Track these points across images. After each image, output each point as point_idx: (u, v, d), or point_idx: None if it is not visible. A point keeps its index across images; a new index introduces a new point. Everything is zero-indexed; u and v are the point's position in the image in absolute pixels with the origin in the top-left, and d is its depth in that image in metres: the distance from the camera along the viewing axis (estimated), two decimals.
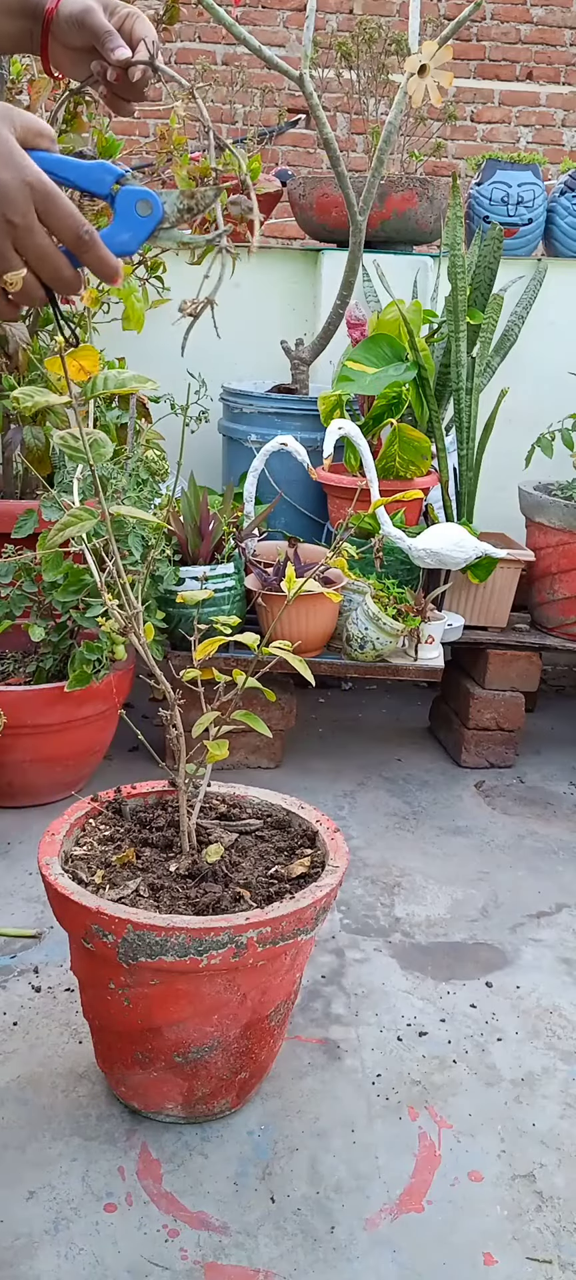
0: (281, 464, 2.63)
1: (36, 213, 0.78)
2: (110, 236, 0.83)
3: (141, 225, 0.84)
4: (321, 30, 4.82)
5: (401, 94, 2.43)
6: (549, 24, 5.02)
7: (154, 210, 0.84)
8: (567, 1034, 1.65)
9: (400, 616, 2.39)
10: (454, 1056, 1.59)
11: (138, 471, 2.25)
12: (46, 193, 0.78)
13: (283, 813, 1.60)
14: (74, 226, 0.79)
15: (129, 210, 0.84)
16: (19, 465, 2.67)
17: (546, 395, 3.03)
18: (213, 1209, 1.29)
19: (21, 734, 2.13)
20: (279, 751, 2.53)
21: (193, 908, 1.35)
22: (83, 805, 1.55)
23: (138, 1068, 1.37)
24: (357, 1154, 1.39)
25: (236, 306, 3.06)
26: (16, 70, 2.57)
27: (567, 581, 2.64)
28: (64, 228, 0.79)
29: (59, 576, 2.11)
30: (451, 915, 1.98)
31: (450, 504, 2.71)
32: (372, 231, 2.92)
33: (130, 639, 1.37)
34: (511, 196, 3.08)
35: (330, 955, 1.82)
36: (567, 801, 2.49)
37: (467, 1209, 1.31)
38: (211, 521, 2.43)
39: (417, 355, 2.55)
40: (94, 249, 0.81)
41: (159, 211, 0.84)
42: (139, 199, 0.84)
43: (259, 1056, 1.41)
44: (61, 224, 0.79)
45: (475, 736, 2.62)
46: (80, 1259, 1.21)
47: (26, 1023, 1.60)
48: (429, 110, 3.31)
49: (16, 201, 0.76)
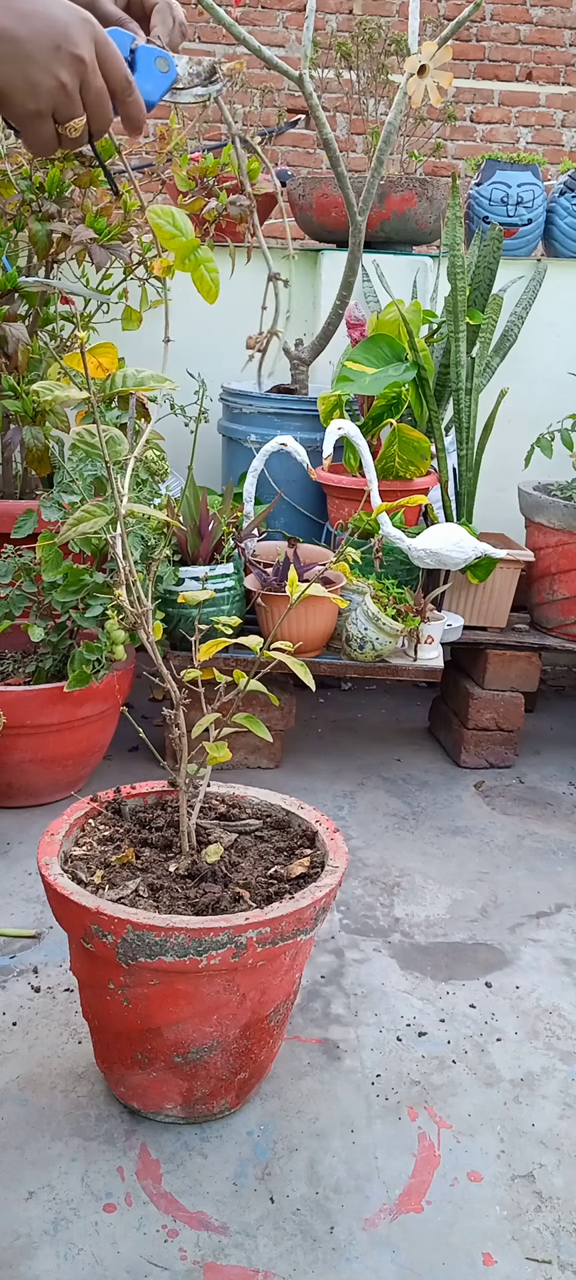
0: (281, 464, 2.63)
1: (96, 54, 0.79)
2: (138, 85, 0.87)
3: (160, 79, 0.90)
4: (321, 30, 4.82)
5: (401, 94, 2.43)
6: (548, 24, 5.02)
7: (170, 69, 0.90)
8: (567, 1034, 1.66)
9: (399, 617, 2.39)
10: (453, 1057, 1.59)
11: (137, 472, 2.25)
12: (102, 34, 0.79)
13: (282, 813, 1.60)
14: (123, 70, 0.81)
15: (149, 65, 0.89)
16: (18, 465, 2.67)
17: (546, 395, 3.03)
18: (212, 1209, 1.29)
19: (21, 734, 2.13)
20: (278, 752, 2.53)
21: (192, 908, 1.35)
22: (82, 805, 1.55)
23: (137, 1068, 1.37)
24: (357, 1154, 1.39)
25: (236, 307, 3.06)
26: None
27: (567, 582, 2.65)
28: (117, 68, 0.81)
29: (58, 576, 2.11)
30: (451, 915, 1.98)
31: (449, 504, 2.71)
32: (372, 232, 2.92)
33: (140, 637, 1.38)
34: (511, 197, 3.08)
35: (329, 955, 1.82)
36: (567, 802, 2.49)
37: (467, 1209, 1.31)
38: (211, 522, 2.43)
39: (417, 355, 2.55)
40: (135, 94, 0.83)
41: (174, 71, 0.90)
42: (157, 57, 0.89)
43: (258, 1057, 1.41)
44: (114, 65, 0.80)
45: (474, 737, 2.62)
46: (79, 1259, 1.21)
47: (26, 1023, 1.60)
48: (428, 111, 3.31)
49: (82, 38, 0.77)
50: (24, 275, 2.56)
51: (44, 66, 0.76)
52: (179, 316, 2.74)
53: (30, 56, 0.75)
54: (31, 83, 0.76)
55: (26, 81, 0.76)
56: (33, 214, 2.42)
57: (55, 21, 0.76)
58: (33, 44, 0.75)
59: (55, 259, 2.57)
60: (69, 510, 2.14)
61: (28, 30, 0.75)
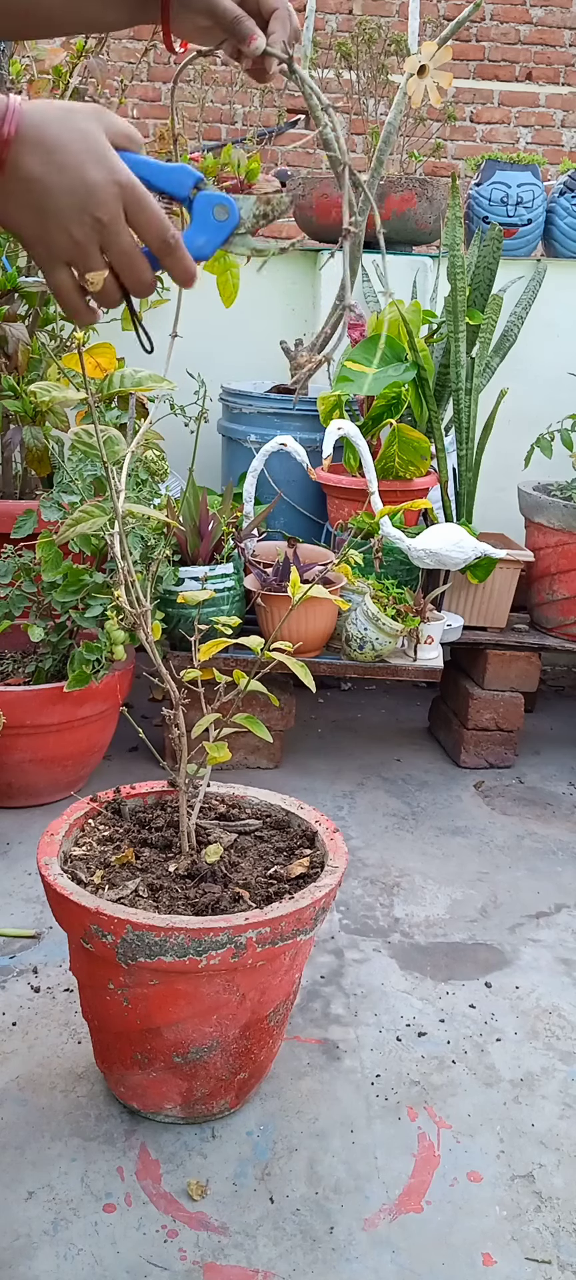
0: (281, 464, 2.63)
1: (124, 213, 0.77)
2: (188, 240, 0.83)
3: (217, 230, 0.85)
4: (321, 30, 4.82)
5: (401, 94, 2.43)
6: (548, 24, 5.02)
7: (231, 215, 0.85)
8: (566, 1034, 1.66)
9: (399, 617, 2.39)
10: (453, 1057, 1.59)
11: (137, 472, 2.25)
12: (135, 194, 0.77)
13: (282, 813, 1.60)
14: (160, 230, 0.79)
15: (206, 215, 0.84)
16: (18, 465, 2.67)
17: (545, 396, 3.03)
18: (212, 1209, 1.29)
19: (21, 734, 2.13)
20: (278, 752, 2.53)
21: (192, 908, 1.35)
22: (82, 805, 1.55)
23: (137, 1068, 1.37)
24: (356, 1154, 1.39)
25: (236, 306, 3.06)
26: (16, 70, 2.57)
27: (567, 582, 2.65)
28: (150, 230, 0.79)
29: (58, 577, 2.11)
30: (450, 915, 1.98)
31: (449, 504, 2.71)
32: (372, 232, 2.92)
33: (139, 636, 1.38)
34: (510, 197, 3.08)
35: (329, 955, 1.82)
36: (567, 802, 2.49)
37: (466, 1209, 1.31)
38: (211, 522, 2.43)
39: (417, 356, 2.55)
40: (177, 253, 0.81)
41: (235, 217, 0.85)
42: (216, 204, 0.84)
43: (258, 1057, 1.41)
44: (148, 226, 0.79)
45: (474, 737, 2.62)
46: (79, 1259, 1.21)
47: (25, 1023, 1.60)
48: (428, 111, 3.31)
49: (107, 201, 0.76)
50: (24, 275, 2.56)
51: (60, 222, 0.76)
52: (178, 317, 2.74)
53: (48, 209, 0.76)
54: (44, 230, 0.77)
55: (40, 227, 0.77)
56: None
57: (85, 181, 0.75)
58: (57, 200, 0.75)
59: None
60: (69, 510, 2.14)
61: (53, 180, 0.75)
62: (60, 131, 0.75)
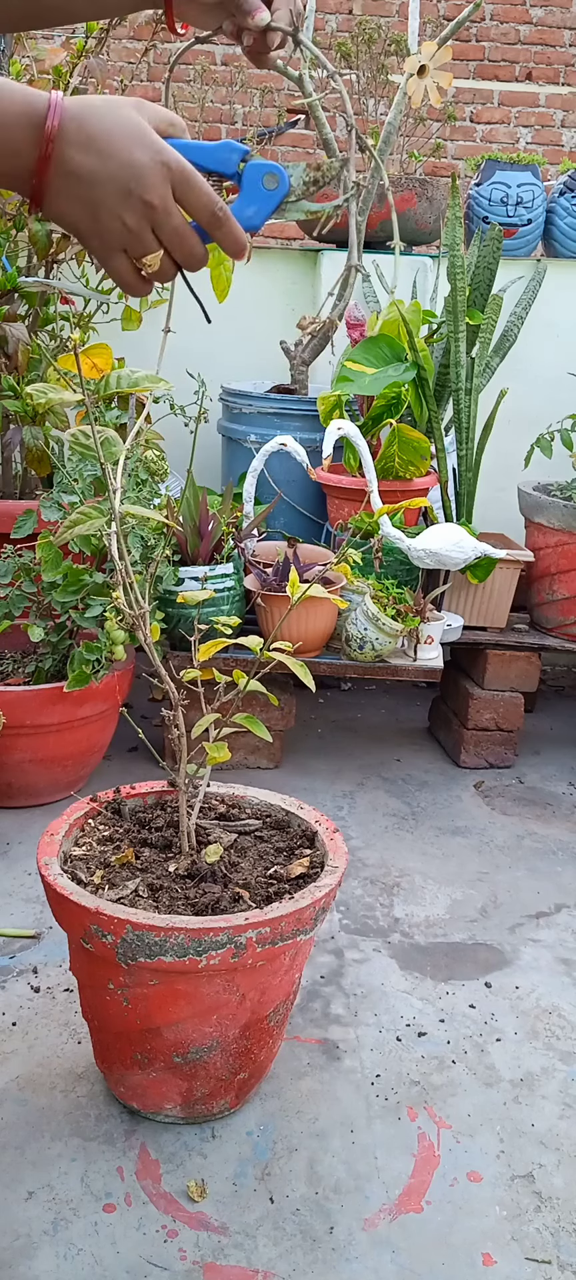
0: (281, 464, 2.63)
1: (173, 193, 0.78)
2: (237, 211, 0.83)
3: (267, 199, 0.85)
4: (321, 30, 4.82)
5: (401, 94, 2.43)
6: (548, 24, 5.02)
7: (280, 184, 0.85)
8: (566, 1034, 1.66)
9: (399, 617, 2.39)
10: (453, 1057, 1.59)
11: (137, 472, 2.25)
12: (183, 173, 0.78)
13: (282, 813, 1.60)
14: (209, 205, 0.80)
15: (255, 185, 0.84)
16: (18, 465, 2.67)
17: (545, 396, 3.03)
18: (211, 1209, 1.29)
19: (21, 734, 2.13)
20: (278, 752, 2.53)
21: (192, 908, 1.35)
22: (82, 805, 1.55)
23: (136, 1068, 1.37)
24: (356, 1154, 1.39)
25: (236, 306, 3.06)
26: (16, 70, 2.57)
27: (566, 582, 2.65)
28: (200, 206, 0.80)
29: (58, 577, 2.11)
30: (450, 915, 1.98)
31: (449, 504, 2.71)
32: (372, 232, 2.92)
33: (138, 638, 1.38)
34: (510, 197, 3.08)
35: (329, 955, 1.82)
36: (566, 802, 2.49)
37: (466, 1209, 1.31)
38: (211, 522, 2.43)
39: (417, 356, 2.55)
40: (227, 225, 0.81)
41: (285, 185, 0.85)
42: (266, 173, 0.84)
43: (258, 1057, 1.41)
44: (198, 203, 0.80)
45: (474, 737, 2.62)
46: (79, 1259, 1.21)
47: (25, 1023, 1.60)
48: (428, 111, 3.32)
49: (155, 183, 0.77)
50: (24, 275, 2.56)
51: (111, 210, 0.77)
52: (178, 316, 2.73)
53: (98, 199, 0.77)
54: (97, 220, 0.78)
55: (93, 219, 0.78)
56: (33, 214, 2.42)
57: (131, 165, 0.76)
58: (102, 187, 0.76)
59: (55, 259, 2.57)
60: (69, 510, 2.15)
61: (100, 172, 0.76)
62: (102, 120, 0.76)
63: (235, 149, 0.84)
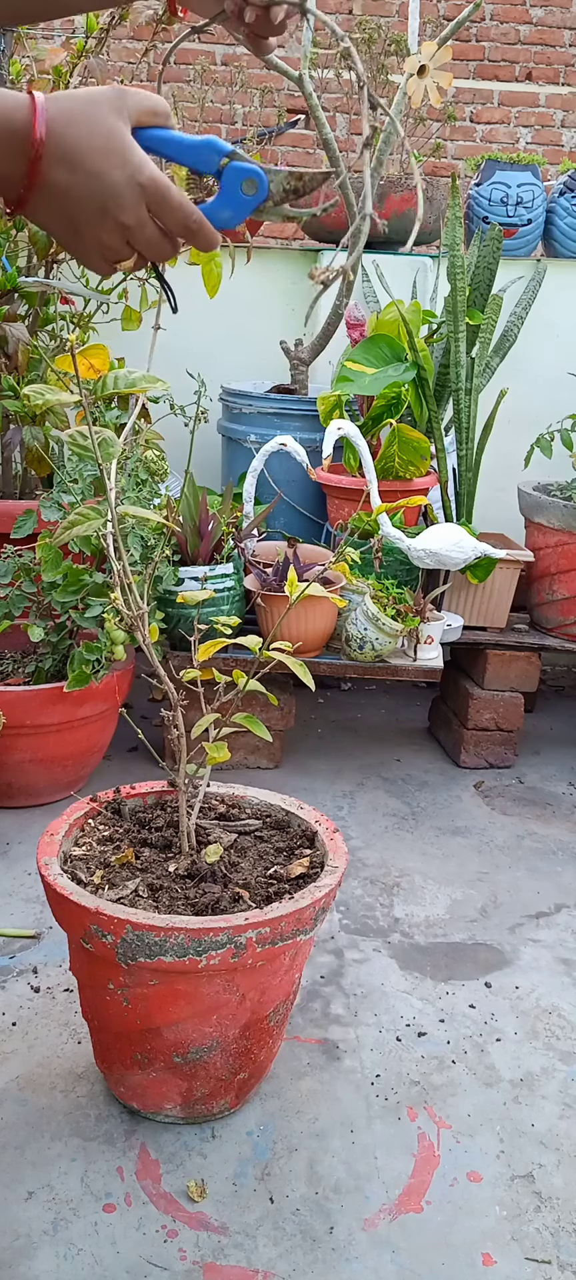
0: (281, 464, 2.63)
1: (148, 209, 0.79)
2: (213, 211, 0.84)
3: (244, 204, 0.85)
4: (321, 30, 4.82)
5: (401, 94, 2.43)
6: (548, 24, 5.02)
7: (259, 190, 0.85)
8: (566, 1034, 1.66)
9: (399, 617, 2.39)
10: (453, 1057, 1.59)
11: (137, 472, 2.25)
12: (158, 192, 0.79)
13: (282, 813, 1.60)
14: (182, 220, 0.81)
15: (234, 189, 0.84)
16: (18, 465, 2.67)
17: (545, 396, 3.03)
18: (211, 1209, 1.29)
19: (21, 734, 2.13)
20: (278, 752, 2.53)
21: (192, 908, 1.35)
22: (82, 805, 1.55)
23: (136, 1068, 1.37)
24: (356, 1154, 1.39)
25: (236, 306, 3.06)
26: (16, 70, 2.57)
27: (566, 582, 2.65)
28: (174, 223, 0.81)
29: (58, 577, 2.11)
30: (450, 916, 1.98)
31: (449, 504, 2.71)
32: (372, 232, 2.92)
33: (136, 638, 1.38)
34: (510, 197, 3.08)
35: (329, 955, 1.82)
36: (566, 802, 2.49)
37: (466, 1209, 1.31)
38: (211, 522, 2.43)
39: (417, 356, 2.55)
40: (200, 234, 0.83)
41: (264, 192, 0.85)
42: (245, 178, 0.84)
43: (258, 1057, 1.41)
44: (172, 220, 0.81)
45: (474, 737, 2.62)
46: (79, 1259, 1.21)
47: (25, 1023, 1.60)
48: (428, 111, 3.31)
49: (130, 205, 0.78)
50: (24, 275, 2.56)
51: (88, 224, 0.79)
52: (179, 316, 2.73)
53: (78, 216, 0.78)
54: (75, 232, 0.80)
55: (71, 231, 0.80)
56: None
57: (107, 185, 0.77)
58: (80, 205, 0.78)
59: (55, 259, 2.57)
60: (68, 510, 2.15)
61: (78, 189, 0.77)
62: (79, 136, 0.77)
63: (217, 149, 0.84)
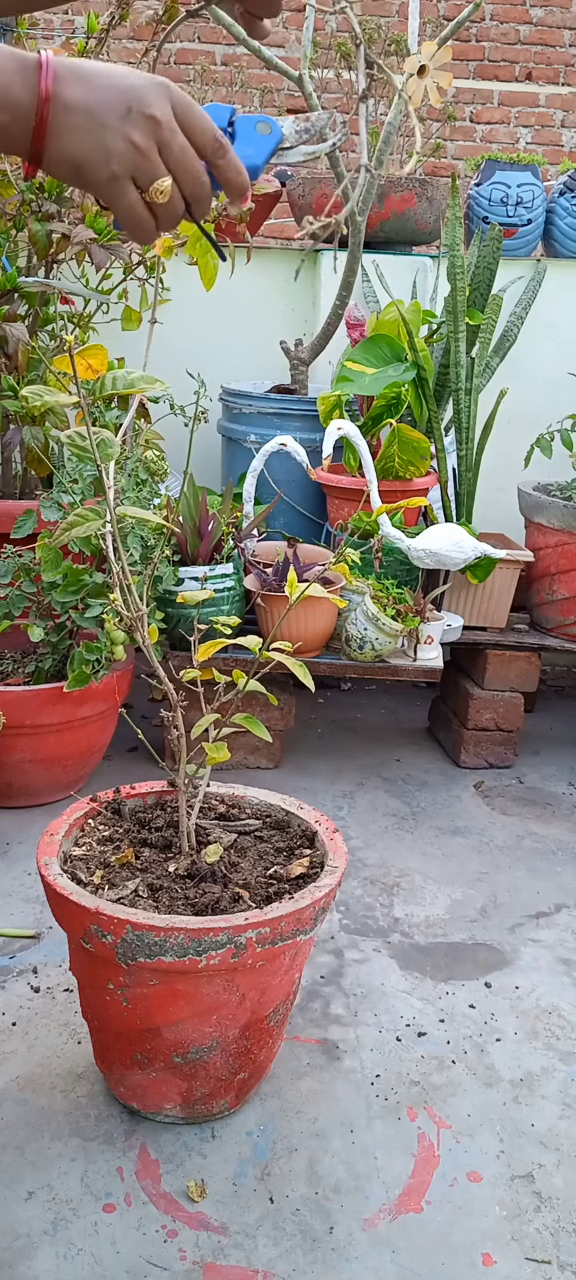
0: (280, 464, 2.63)
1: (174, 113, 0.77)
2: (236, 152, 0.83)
3: (263, 142, 0.85)
4: (321, 30, 4.82)
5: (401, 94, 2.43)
6: (548, 24, 5.02)
7: (273, 130, 0.85)
8: (566, 1034, 1.66)
9: (399, 617, 2.39)
10: (453, 1057, 1.59)
11: (137, 472, 2.25)
12: (182, 96, 0.78)
13: (282, 813, 1.60)
14: (211, 129, 0.79)
15: (250, 131, 0.84)
16: (18, 465, 2.67)
17: (545, 396, 3.03)
18: (211, 1209, 1.29)
19: (21, 734, 2.13)
20: (278, 752, 2.53)
21: (192, 908, 1.35)
22: (82, 805, 1.55)
23: (136, 1068, 1.37)
24: (356, 1154, 1.39)
25: (236, 306, 3.06)
26: None
27: (566, 582, 2.65)
28: (202, 130, 0.79)
29: (58, 577, 2.11)
30: (450, 916, 1.98)
31: (449, 504, 2.71)
32: (372, 232, 2.92)
33: (136, 639, 1.38)
34: (510, 197, 3.08)
35: (329, 956, 1.82)
36: (566, 802, 2.49)
37: (466, 1209, 1.31)
38: (211, 522, 2.43)
39: (417, 356, 2.55)
40: (230, 155, 0.81)
41: (278, 132, 0.85)
42: (257, 122, 0.84)
43: (258, 1057, 1.41)
44: (200, 127, 0.79)
45: (474, 737, 2.62)
46: (79, 1259, 1.21)
47: (25, 1023, 1.60)
48: (428, 111, 3.31)
49: (155, 99, 0.76)
50: (24, 275, 2.56)
51: (115, 130, 0.76)
52: (179, 317, 2.74)
53: (101, 122, 0.76)
54: (104, 146, 0.76)
55: (99, 145, 0.76)
56: (32, 214, 2.42)
57: (127, 87, 0.76)
58: (103, 109, 0.75)
59: (55, 259, 2.57)
60: (68, 511, 2.15)
61: (97, 98, 0.75)
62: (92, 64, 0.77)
63: (222, 110, 0.84)
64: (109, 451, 1.18)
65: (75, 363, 0.99)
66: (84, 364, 0.96)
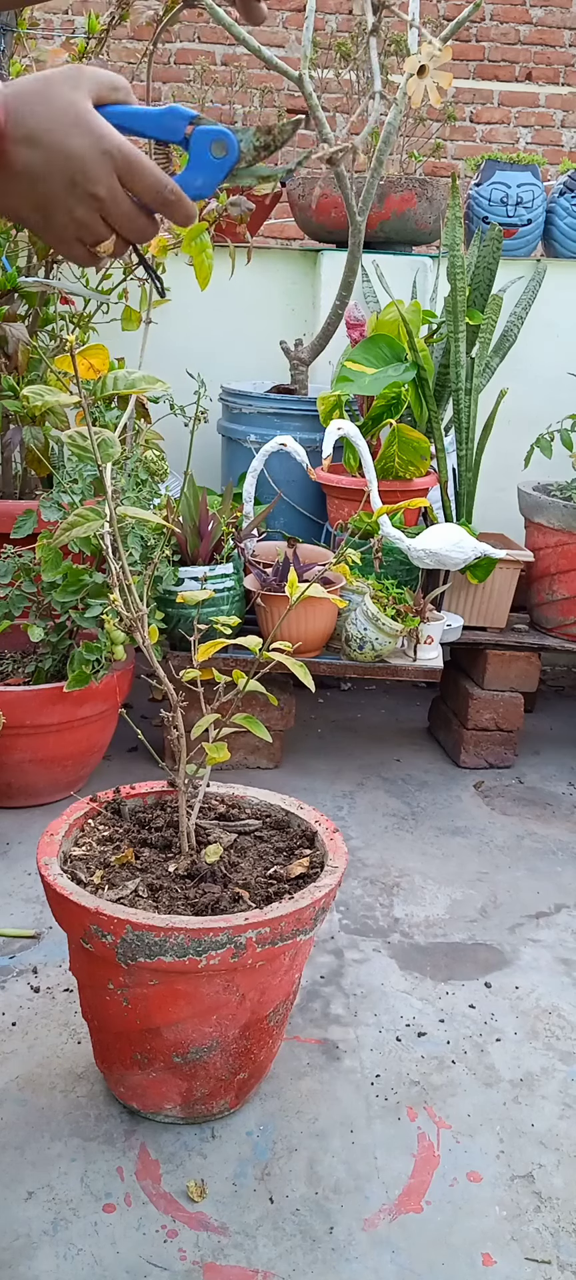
0: (280, 464, 2.63)
1: (119, 179, 0.77)
2: (185, 182, 0.82)
3: (216, 168, 0.83)
4: (321, 30, 4.82)
5: (401, 94, 2.43)
6: (548, 25, 5.02)
7: (229, 152, 0.83)
8: (566, 1034, 1.66)
9: (399, 617, 2.39)
10: (453, 1057, 1.59)
11: (137, 472, 2.25)
12: (127, 159, 0.76)
13: (281, 813, 1.60)
14: (156, 188, 0.78)
15: (203, 154, 0.82)
16: (18, 465, 2.67)
17: (545, 396, 3.03)
18: (211, 1209, 1.29)
19: (21, 734, 2.13)
20: (278, 752, 2.53)
21: (191, 908, 1.35)
22: (81, 805, 1.55)
23: (136, 1068, 1.37)
24: (356, 1154, 1.39)
25: (236, 306, 3.06)
26: (16, 71, 2.57)
27: (566, 582, 2.65)
28: (146, 191, 0.78)
29: (58, 577, 2.11)
30: (450, 916, 1.98)
31: (449, 504, 2.71)
32: (372, 232, 2.92)
33: (136, 639, 1.38)
34: (510, 197, 3.08)
35: (329, 956, 1.82)
36: (566, 802, 2.49)
37: (466, 1209, 1.31)
38: (211, 522, 2.43)
39: (417, 356, 2.55)
40: (175, 205, 0.80)
41: (234, 153, 0.83)
42: (213, 140, 0.82)
43: (258, 1057, 1.41)
44: (144, 188, 0.78)
45: (474, 737, 2.62)
46: (79, 1259, 1.21)
47: (25, 1023, 1.60)
48: (428, 111, 3.31)
49: (99, 175, 0.75)
50: (24, 275, 2.56)
51: (60, 203, 0.76)
52: (179, 317, 2.74)
53: (48, 196, 0.75)
54: (48, 218, 0.77)
55: (43, 217, 0.77)
56: None
57: (71, 156, 0.75)
58: (47, 182, 0.75)
59: (55, 259, 2.57)
60: (68, 511, 2.14)
61: (43, 165, 0.75)
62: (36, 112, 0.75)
63: (181, 115, 0.82)
64: (109, 451, 1.18)
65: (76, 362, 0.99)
66: (85, 364, 0.96)
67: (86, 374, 0.98)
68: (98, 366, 1.00)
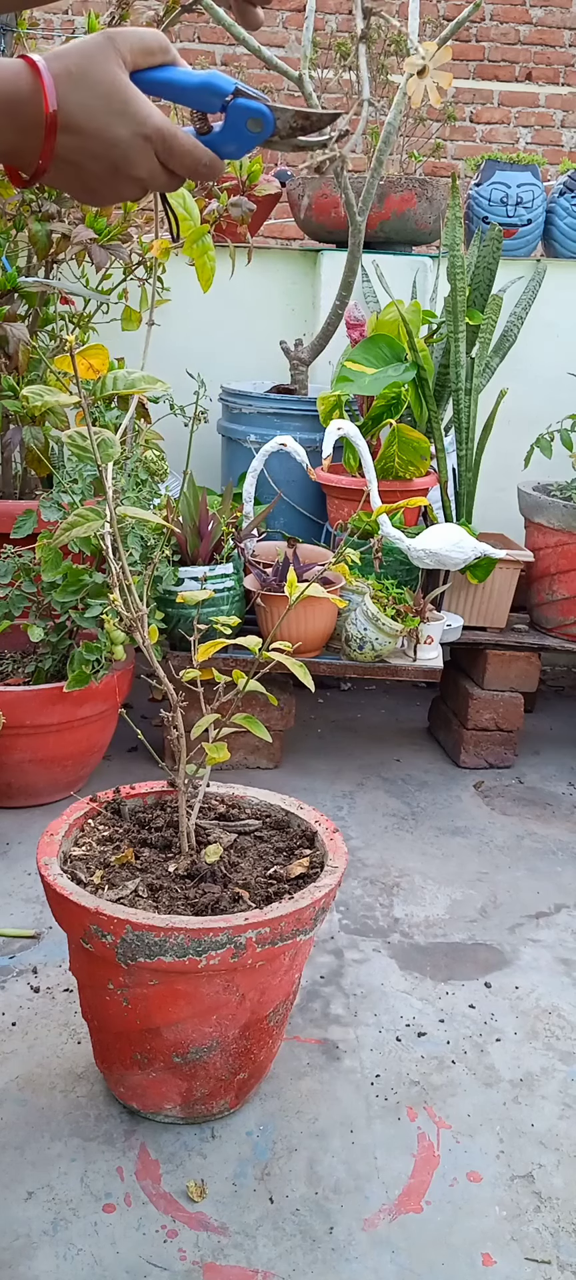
0: (280, 464, 2.63)
1: (158, 159, 0.80)
2: (218, 143, 0.83)
3: (249, 139, 0.85)
4: (321, 30, 4.82)
5: (401, 94, 2.43)
6: (548, 25, 5.02)
7: (265, 128, 0.84)
8: (566, 1034, 1.66)
9: (399, 617, 2.39)
10: (452, 1057, 1.59)
11: (137, 472, 2.25)
12: (166, 142, 0.79)
13: (281, 813, 1.60)
14: (192, 165, 0.82)
15: (239, 125, 0.84)
16: (18, 465, 2.67)
17: (545, 396, 3.03)
18: (211, 1209, 1.29)
19: (20, 734, 2.13)
20: (278, 752, 2.53)
21: (191, 908, 1.35)
22: (81, 805, 1.55)
23: (136, 1068, 1.37)
24: (356, 1154, 1.39)
25: (236, 306, 3.06)
26: None
27: (566, 582, 2.65)
28: (185, 168, 0.82)
29: (58, 577, 2.11)
30: (450, 916, 1.98)
31: (449, 504, 2.71)
32: (372, 232, 2.92)
33: (136, 639, 1.38)
34: (510, 197, 3.08)
35: (329, 956, 1.82)
36: (566, 802, 2.49)
37: (466, 1209, 1.31)
38: (210, 522, 2.43)
39: (417, 356, 2.55)
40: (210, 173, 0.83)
41: (269, 129, 0.85)
42: (250, 116, 0.84)
43: (258, 1057, 1.41)
44: (182, 165, 0.81)
45: (474, 737, 2.62)
46: (79, 1259, 1.21)
47: (25, 1023, 1.60)
48: (428, 111, 3.31)
49: (139, 161, 0.79)
50: (24, 275, 2.56)
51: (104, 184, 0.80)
52: (179, 317, 2.74)
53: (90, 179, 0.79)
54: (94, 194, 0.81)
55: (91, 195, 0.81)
56: (33, 214, 2.42)
57: (114, 145, 0.77)
58: (90, 169, 0.78)
59: (55, 259, 2.57)
60: (68, 511, 2.14)
61: (87, 154, 0.77)
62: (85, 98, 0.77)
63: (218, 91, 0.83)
64: (109, 451, 1.18)
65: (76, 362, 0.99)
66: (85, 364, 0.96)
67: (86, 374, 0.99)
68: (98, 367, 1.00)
